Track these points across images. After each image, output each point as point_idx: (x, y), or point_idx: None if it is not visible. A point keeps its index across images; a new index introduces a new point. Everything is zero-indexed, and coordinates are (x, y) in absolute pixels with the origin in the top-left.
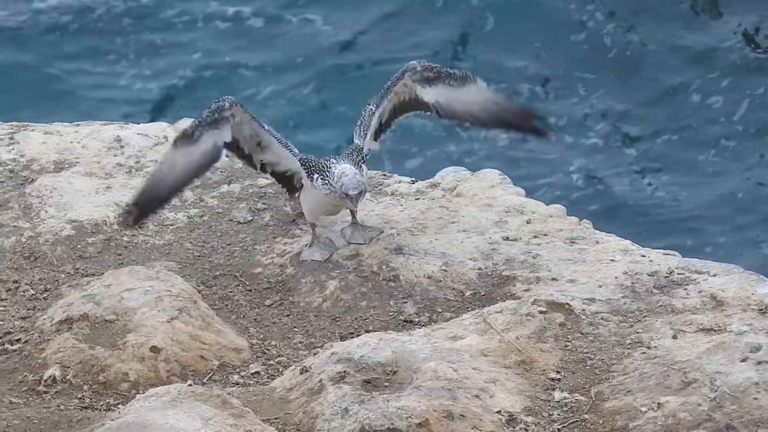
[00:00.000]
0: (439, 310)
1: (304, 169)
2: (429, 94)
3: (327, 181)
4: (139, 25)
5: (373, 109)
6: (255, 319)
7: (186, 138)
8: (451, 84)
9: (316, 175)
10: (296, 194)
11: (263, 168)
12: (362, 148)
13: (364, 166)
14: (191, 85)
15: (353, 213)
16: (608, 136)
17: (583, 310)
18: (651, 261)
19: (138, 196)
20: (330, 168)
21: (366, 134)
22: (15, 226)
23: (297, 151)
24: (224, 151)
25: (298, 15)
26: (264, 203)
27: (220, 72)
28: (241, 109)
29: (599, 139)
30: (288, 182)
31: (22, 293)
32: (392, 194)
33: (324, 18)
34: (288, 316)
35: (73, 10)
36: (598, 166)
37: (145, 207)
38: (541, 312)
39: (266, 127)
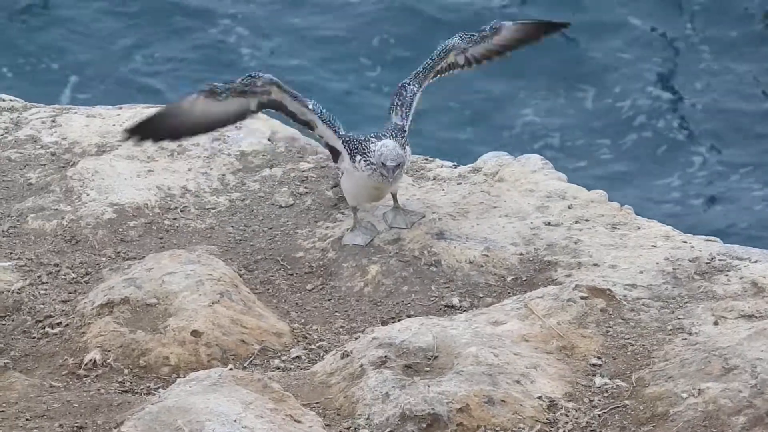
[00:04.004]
0: (481, 296)
1: (347, 150)
2: (469, 55)
3: (369, 161)
4: None
5: (415, 89)
6: (296, 304)
7: (212, 95)
8: (488, 41)
9: (359, 157)
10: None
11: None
12: (404, 128)
13: (408, 147)
14: None
15: (395, 197)
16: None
17: (625, 295)
18: (692, 247)
19: (148, 119)
20: (370, 147)
21: (408, 115)
22: (56, 210)
23: (342, 131)
24: (250, 116)
25: None
26: (306, 187)
27: None
28: (278, 88)
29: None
30: (338, 155)
31: (63, 277)
32: (434, 179)
33: None
34: (329, 300)
35: None
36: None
37: (150, 131)
38: (582, 297)
39: (310, 106)
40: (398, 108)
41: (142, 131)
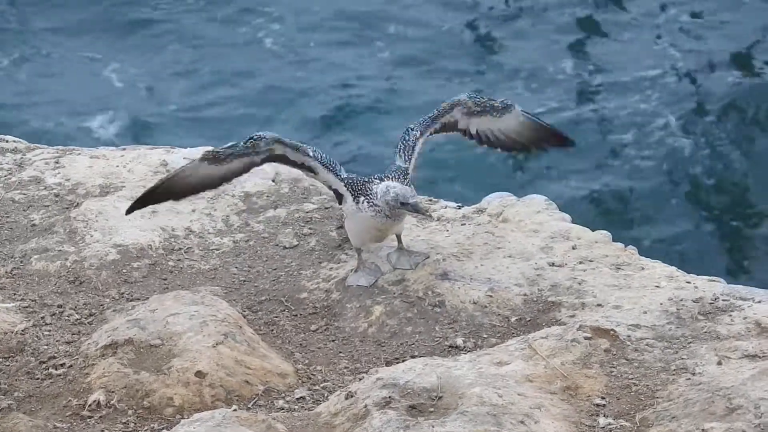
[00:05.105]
0: (485, 336)
1: (350, 192)
2: (474, 125)
3: (372, 202)
4: None
5: (417, 135)
6: (300, 344)
7: (215, 159)
8: (494, 115)
9: (362, 198)
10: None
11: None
12: (407, 170)
13: (410, 187)
14: None
15: (399, 238)
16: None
17: (629, 336)
18: (696, 287)
19: (153, 189)
20: (372, 188)
21: (411, 159)
22: (60, 251)
23: (344, 174)
24: (252, 169)
25: None
26: (310, 228)
27: None
28: (281, 145)
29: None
30: (341, 197)
31: (66, 317)
32: (438, 219)
33: None
34: (333, 341)
35: None
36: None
37: (150, 201)
38: (586, 338)
39: (311, 153)
40: (402, 152)
41: (142, 204)
